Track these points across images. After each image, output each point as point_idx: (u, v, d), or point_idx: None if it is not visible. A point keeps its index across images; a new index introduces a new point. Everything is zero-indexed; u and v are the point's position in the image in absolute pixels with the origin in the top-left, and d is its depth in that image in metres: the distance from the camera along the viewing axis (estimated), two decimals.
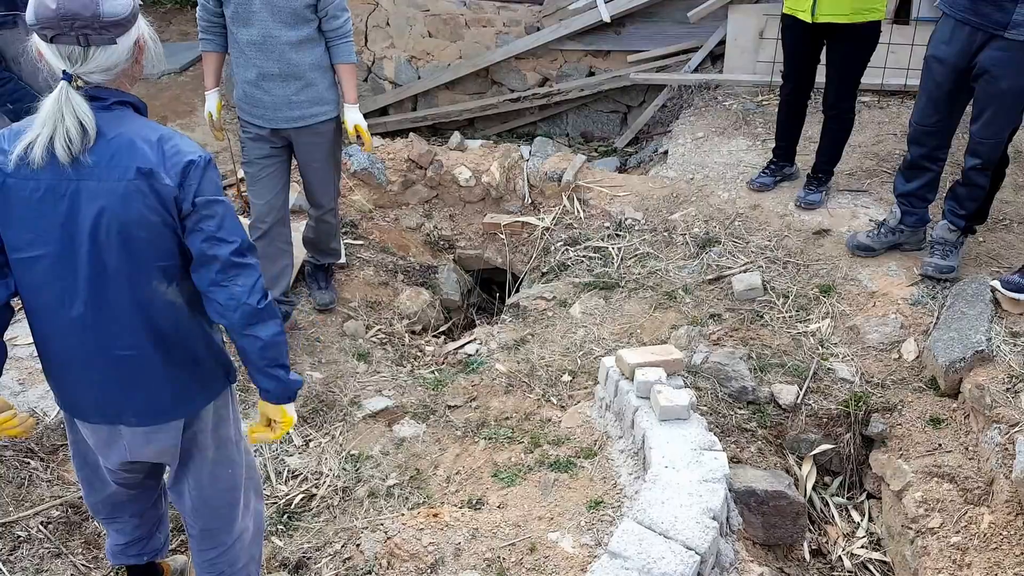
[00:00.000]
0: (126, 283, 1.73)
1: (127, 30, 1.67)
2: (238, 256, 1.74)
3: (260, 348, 1.80)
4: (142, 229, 1.69)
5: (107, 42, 1.64)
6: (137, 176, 1.66)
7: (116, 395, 1.86)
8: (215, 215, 1.73)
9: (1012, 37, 2.98)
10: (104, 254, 1.70)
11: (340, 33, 3.25)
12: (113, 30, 1.64)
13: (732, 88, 5.29)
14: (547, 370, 3.39)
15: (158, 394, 1.87)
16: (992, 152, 3.22)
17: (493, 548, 2.42)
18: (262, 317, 1.77)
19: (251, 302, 1.75)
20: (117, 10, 1.64)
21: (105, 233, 1.68)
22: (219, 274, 1.73)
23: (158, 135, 1.71)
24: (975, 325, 3.05)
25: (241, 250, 1.75)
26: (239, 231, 1.76)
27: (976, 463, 2.78)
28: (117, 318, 1.77)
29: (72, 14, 1.60)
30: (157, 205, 1.68)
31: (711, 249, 3.82)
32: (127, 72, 1.72)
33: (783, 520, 2.82)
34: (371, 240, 4.38)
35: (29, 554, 2.63)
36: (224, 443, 2.05)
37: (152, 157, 1.67)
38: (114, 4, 1.64)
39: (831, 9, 3.53)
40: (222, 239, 1.73)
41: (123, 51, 1.68)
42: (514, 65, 6.01)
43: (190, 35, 7.36)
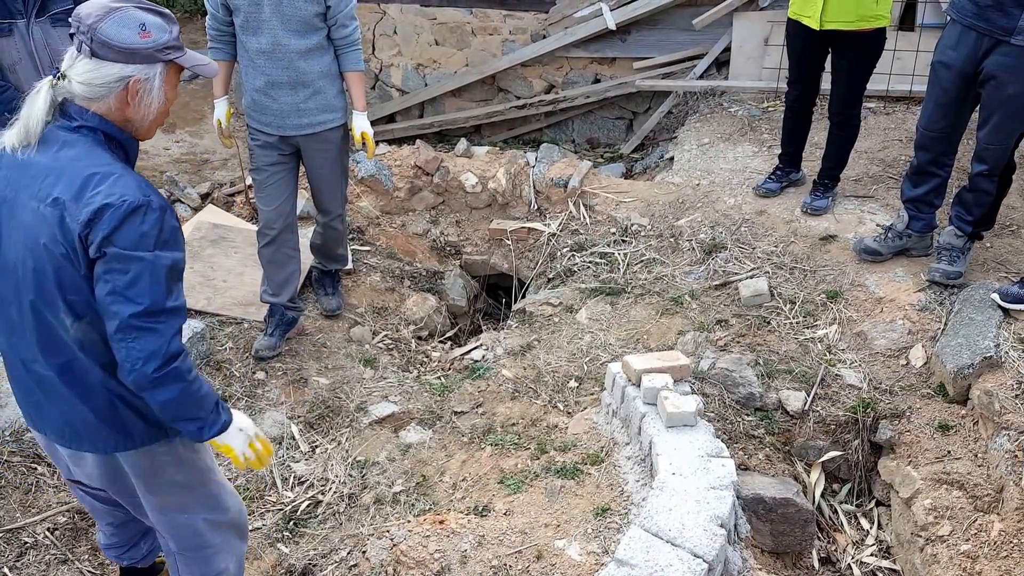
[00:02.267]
0: (35, 305, 1.70)
1: (120, 61, 1.66)
2: (141, 319, 1.62)
3: (157, 408, 1.73)
4: (49, 257, 1.65)
5: (89, 55, 1.65)
6: (52, 204, 1.62)
7: (38, 407, 1.85)
8: (127, 271, 1.61)
9: (1018, 43, 2.97)
10: (20, 270, 1.69)
11: (349, 41, 3.27)
12: (101, 49, 1.65)
13: (737, 94, 5.29)
14: (553, 376, 3.38)
15: (70, 421, 1.82)
16: (999, 158, 3.21)
17: (499, 555, 2.41)
18: (156, 384, 1.66)
19: (145, 370, 1.64)
20: (115, 35, 1.65)
21: (22, 250, 1.67)
22: (117, 332, 1.63)
23: (94, 171, 1.63)
24: (983, 331, 3.03)
25: (147, 312, 1.62)
26: (152, 293, 1.63)
27: (985, 470, 2.76)
28: (29, 335, 1.74)
29: (80, 16, 1.66)
30: (62, 239, 1.62)
31: (717, 255, 3.81)
32: (105, 100, 1.69)
33: (791, 527, 2.80)
34: (378, 246, 4.38)
35: (35, 560, 2.64)
36: (172, 491, 1.96)
37: (72, 190, 1.62)
38: (116, 29, 1.65)
39: (837, 16, 3.53)
40: (127, 298, 1.61)
41: (104, 76, 1.66)
42: (520, 72, 6.03)
43: (199, 43, 7.40)
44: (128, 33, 1.66)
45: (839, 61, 3.70)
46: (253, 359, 3.49)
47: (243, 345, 3.56)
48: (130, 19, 1.67)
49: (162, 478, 1.94)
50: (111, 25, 1.65)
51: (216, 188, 4.65)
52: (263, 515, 2.93)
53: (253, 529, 2.86)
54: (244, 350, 3.54)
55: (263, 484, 3.05)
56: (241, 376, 3.42)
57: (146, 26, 1.68)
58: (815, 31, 3.62)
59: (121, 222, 1.60)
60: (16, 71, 2.96)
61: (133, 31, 1.67)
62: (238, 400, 3.31)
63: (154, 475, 1.93)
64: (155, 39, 1.69)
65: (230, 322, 3.70)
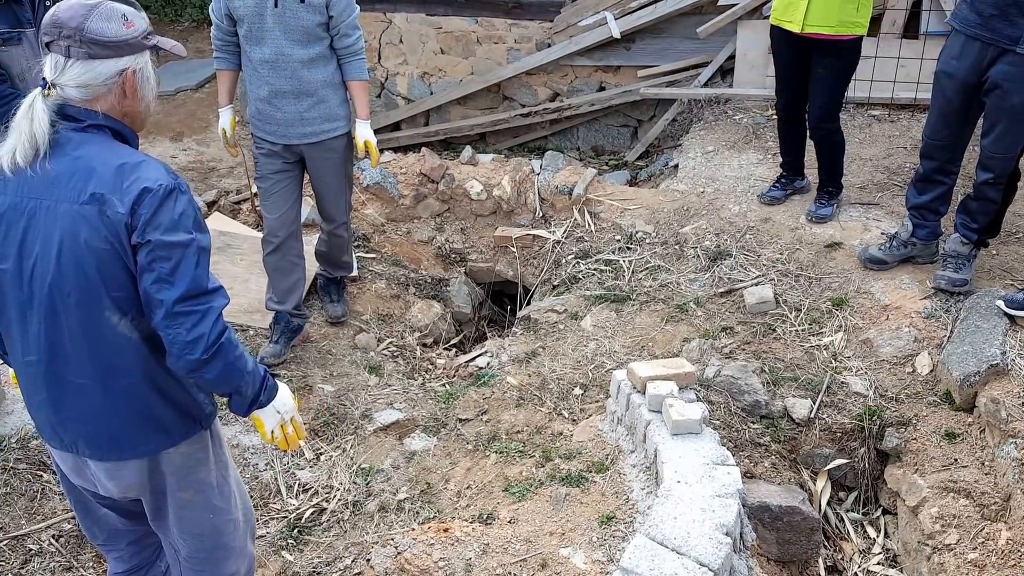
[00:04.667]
0: (76, 309, 1.67)
1: (113, 55, 1.66)
2: (187, 303, 1.62)
3: (206, 384, 1.75)
4: (92, 256, 1.63)
5: (83, 57, 1.64)
6: (90, 201, 1.62)
7: (69, 422, 1.80)
8: (170, 257, 1.62)
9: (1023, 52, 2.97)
10: (57, 276, 1.66)
11: (352, 51, 3.28)
12: (93, 48, 1.64)
13: (742, 102, 5.30)
14: (558, 383, 3.38)
15: (107, 428, 1.79)
16: (1004, 166, 3.21)
17: (504, 564, 2.41)
18: (205, 364, 1.67)
19: (194, 354, 1.65)
20: (104, 31, 1.64)
21: (57, 255, 1.64)
22: (165, 319, 1.63)
23: (122, 161, 1.65)
24: (989, 338, 3.02)
25: (190, 296, 1.63)
26: (194, 277, 1.64)
27: (992, 478, 2.74)
28: (68, 343, 1.71)
29: (60, 22, 1.63)
30: (107, 233, 1.62)
31: (722, 262, 3.81)
32: (106, 98, 1.69)
33: (797, 536, 2.79)
34: (383, 253, 4.40)
35: (40, 568, 2.64)
36: (201, 488, 1.95)
37: (108, 182, 1.62)
38: (103, 25, 1.64)
39: (819, 21, 3.55)
40: (172, 284, 1.61)
41: (100, 74, 1.66)
42: (525, 81, 6.05)
43: (206, 52, 7.45)
44: (115, 26, 1.66)
45: (817, 69, 3.71)
46: None
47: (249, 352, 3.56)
48: (112, 12, 1.66)
49: (199, 474, 1.94)
50: (97, 22, 1.64)
51: (222, 196, 4.67)
52: (268, 522, 2.93)
53: (258, 537, 2.86)
54: None
55: (268, 491, 3.05)
56: None
57: (127, 16, 1.69)
58: (797, 38, 3.64)
59: (160, 205, 1.62)
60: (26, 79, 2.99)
61: (119, 23, 1.67)
62: None
63: (189, 473, 1.93)
64: (138, 27, 1.70)
65: (236, 329, 3.71)
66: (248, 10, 3.12)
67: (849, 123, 4.79)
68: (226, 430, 3.20)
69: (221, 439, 2.02)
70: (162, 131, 6.02)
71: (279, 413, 1.90)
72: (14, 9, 2.90)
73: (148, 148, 5.72)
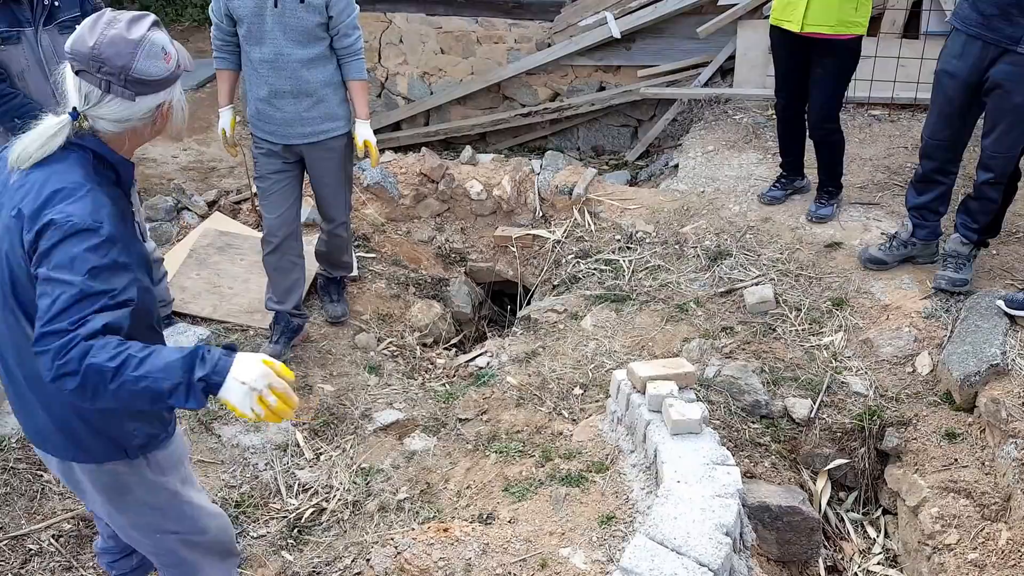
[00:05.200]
0: (6, 314, 1.70)
1: (154, 92, 1.64)
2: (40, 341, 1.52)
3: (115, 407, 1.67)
4: (9, 266, 1.65)
5: (127, 97, 1.61)
6: (16, 216, 1.61)
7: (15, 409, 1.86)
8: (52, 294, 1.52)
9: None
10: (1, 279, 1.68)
11: (352, 51, 3.28)
12: (137, 87, 1.61)
13: (742, 102, 5.30)
14: (558, 383, 3.38)
15: (36, 422, 1.82)
16: (1005, 166, 3.21)
17: (504, 564, 2.41)
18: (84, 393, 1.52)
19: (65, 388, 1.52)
20: (150, 70, 1.61)
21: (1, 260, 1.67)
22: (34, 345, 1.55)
23: (59, 188, 1.59)
24: (989, 338, 3.02)
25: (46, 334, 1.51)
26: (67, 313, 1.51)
27: (993, 478, 2.74)
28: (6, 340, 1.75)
29: (103, 58, 1.58)
30: (20, 251, 1.61)
31: (723, 262, 3.81)
32: (137, 130, 1.68)
33: (797, 536, 2.79)
34: (383, 253, 4.39)
35: (40, 567, 2.64)
36: (137, 510, 1.91)
37: (35, 203, 1.59)
38: (150, 64, 1.61)
39: (819, 20, 3.55)
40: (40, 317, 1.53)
41: (140, 110, 1.65)
42: (525, 80, 6.05)
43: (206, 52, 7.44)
44: (159, 64, 1.63)
45: (816, 70, 3.71)
46: None
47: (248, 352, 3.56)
48: (154, 48, 1.63)
49: (130, 497, 1.89)
50: (143, 63, 1.60)
51: (223, 196, 4.67)
52: (267, 522, 2.93)
53: (258, 536, 2.86)
54: None
55: (268, 491, 3.05)
56: None
57: (165, 49, 1.65)
58: (797, 37, 3.64)
59: (59, 241, 1.55)
60: (25, 78, 2.99)
61: (160, 59, 1.63)
62: None
63: (119, 493, 1.88)
64: (173, 57, 1.67)
65: (236, 329, 3.71)
66: (248, 10, 3.12)
67: (849, 123, 4.79)
68: (226, 430, 3.20)
69: (172, 465, 1.95)
70: None
71: (245, 384, 1.58)
72: (13, 9, 2.90)
73: (149, 148, 5.73)
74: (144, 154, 5.64)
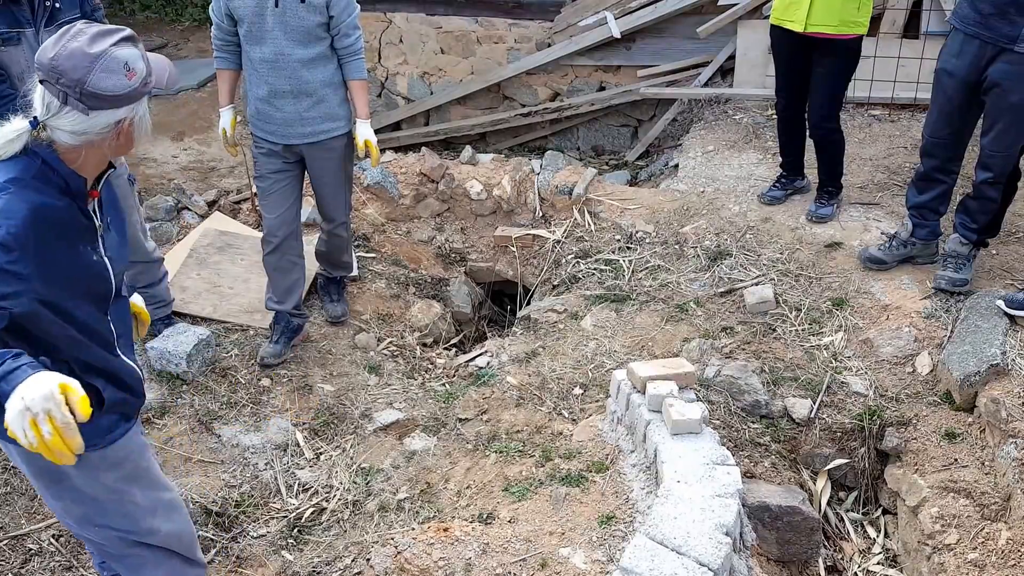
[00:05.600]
0: None
1: (112, 107, 1.63)
2: None
3: None
4: None
5: (81, 110, 1.61)
6: None
7: None
8: None
9: (1022, 51, 2.97)
10: None
11: (352, 51, 3.29)
12: (91, 101, 1.60)
13: (742, 102, 5.30)
14: (558, 383, 3.38)
15: None
16: (1004, 165, 3.21)
17: (504, 563, 2.41)
18: None
19: None
20: (105, 85, 1.60)
21: None
22: None
23: None
24: (989, 338, 3.02)
25: None
26: None
27: (993, 478, 2.74)
28: None
29: (61, 70, 1.59)
30: None
31: (723, 262, 3.81)
32: (95, 144, 1.67)
33: (797, 536, 2.79)
34: (383, 253, 4.40)
35: (40, 567, 2.64)
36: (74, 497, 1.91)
37: None
38: (105, 79, 1.60)
39: (821, 20, 3.55)
40: None
41: (97, 124, 1.63)
42: (525, 80, 6.05)
43: (207, 52, 7.46)
44: (116, 79, 1.61)
45: (817, 69, 3.72)
46: (258, 366, 3.50)
47: (249, 352, 3.57)
48: (114, 64, 1.61)
49: (67, 483, 1.88)
50: (99, 76, 1.59)
51: (223, 195, 4.67)
52: (267, 522, 2.93)
53: (258, 536, 2.86)
54: (250, 357, 3.55)
55: (268, 491, 3.06)
56: (246, 383, 3.43)
57: (128, 64, 1.63)
58: (798, 37, 3.64)
59: None
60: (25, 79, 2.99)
61: (120, 75, 1.62)
62: (243, 407, 3.32)
63: (54, 480, 1.87)
64: (139, 74, 1.65)
65: (236, 329, 3.71)
66: (248, 10, 3.13)
67: (849, 123, 4.79)
68: (226, 430, 3.21)
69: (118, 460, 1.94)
70: (163, 131, 6.02)
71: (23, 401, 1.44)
72: (12, 10, 2.90)
73: (150, 148, 5.73)
74: (144, 154, 5.64)
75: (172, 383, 3.32)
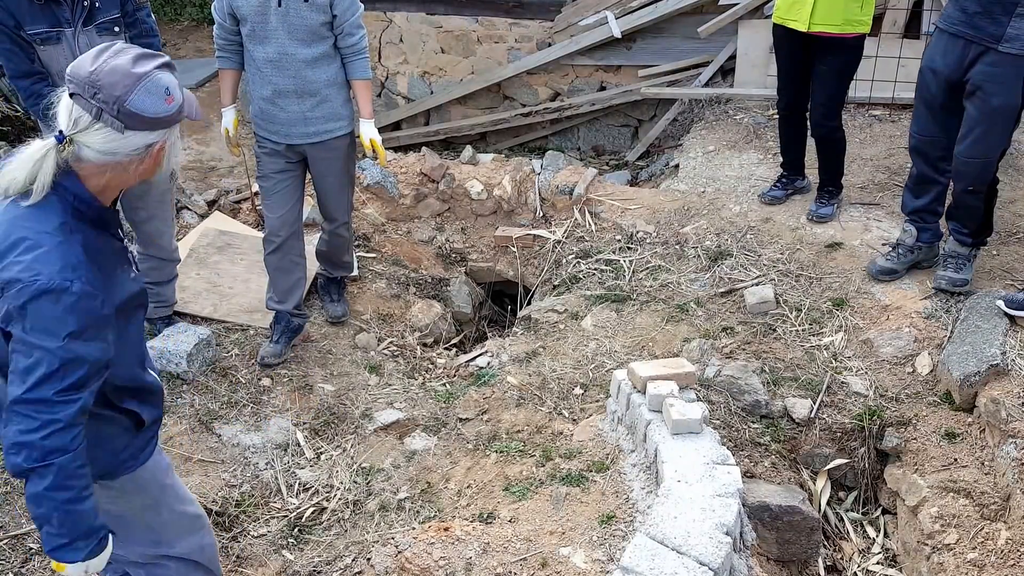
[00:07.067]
0: None
1: (147, 130, 1.59)
2: (22, 405, 1.53)
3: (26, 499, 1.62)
4: None
5: (117, 128, 1.56)
6: None
7: None
8: (30, 355, 1.52)
9: (1005, 50, 2.98)
10: None
11: (356, 50, 3.28)
12: (129, 120, 1.56)
13: (743, 102, 5.30)
14: (559, 383, 3.38)
15: None
16: (981, 172, 3.19)
17: (504, 563, 2.41)
18: (26, 474, 1.57)
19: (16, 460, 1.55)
20: (144, 108, 1.57)
21: None
22: (4, 413, 1.57)
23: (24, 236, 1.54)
24: (989, 339, 3.02)
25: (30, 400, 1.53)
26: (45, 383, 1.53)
27: (992, 478, 2.75)
28: None
29: (100, 85, 1.55)
30: None
31: (723, 262, 3.81)
32: (122, 165, 1.61)
33: (797, 535, 2.79)
34: (383, 253, 4.40)
35: (41, 567, 2.64)
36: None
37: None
38: (145, 101, 1.57)
39: (825, 19, 3.56)
40: (21, 380, 1.53)
41: (129, 145, 1.59)
42: (525, 80, 6.05)
43: (206, 51, 7.45)
44: (156, 102, 1.58)
45: (820, 67, 3.72)
46: (259, 366, 3.50)
47: (249, 352, 3.57)
48: (156, 87, 1.58)
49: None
50: (140, 97, 1.56)
51: (223, 195, 4.67)
52: (268, 521, 2.93)
53: (259, 536, 2.86)
54: (250, 357, 3.55)
55: (268, 490, 3.06)
56: (247, 383, 3.43)
57: (169, 90, 1.61)
58: (801, 36, 3.65)
59: (27, 302, 1.51)
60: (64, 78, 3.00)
61: (160, 99, 1.59)
62: (244, 407, 3.32)
63: None
64: (177, 101, 1.62)
65: (236, 329, 3.71)
66: (251, 9, 3.12)
67: (850, 123, 4.79)
68: (226, 429, 3.21)
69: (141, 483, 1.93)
70: None
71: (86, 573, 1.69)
72: (53, 10, 2.90)
73: None
74: None
75: (172, 383, 3.32)
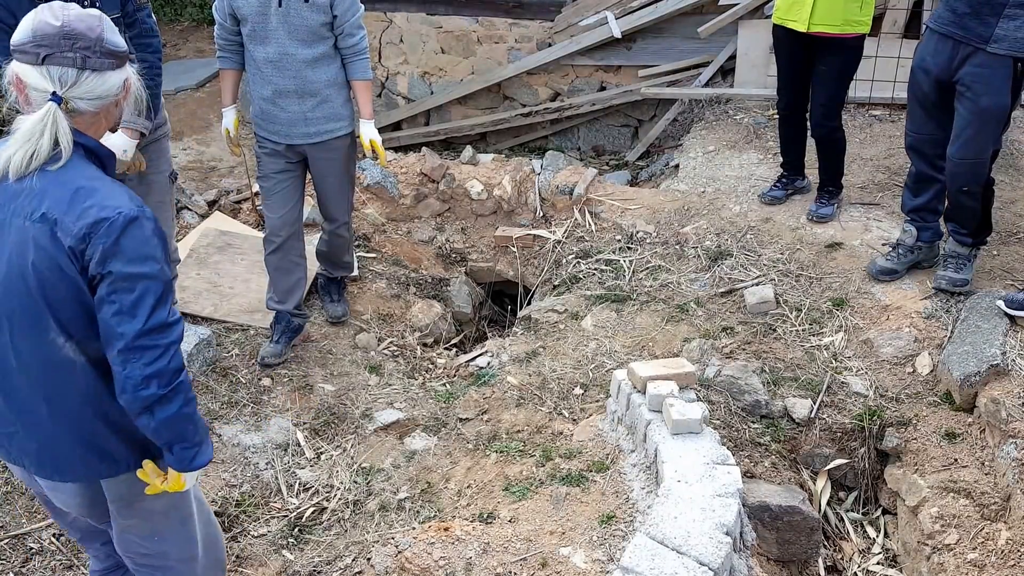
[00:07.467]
0: (20, 327, 1.63)
1: (121, 65, 1.70)
2: (144, 337, 1.57)
3: (153, 429, 1.65)
4: (37, 276, 1.59)
5: (102, 68, 1.64)
6: (41, 220, 1.57)
7: (15, 437, 1.76)
8: (133, 289, 1.56)
9: (993, 51, 2.98)
10: (11, 290, 1.62)
11: (356, 50, 3.28)
12: (109, 59, 1.66)
13: (743, 102, 5.30)
14: (559, 383, 3.39)
15: (50, 450, 1.74)
16: (974, 173, 3.18)
17: (504, 563, 2.41)
18: (161, 401, 1.61)
19: (149, 390, 1.59)
20: (116, 40, 1.68)
21: (13, 270, 1.61)
22: (122, 353, 1.57)
23: (81, 185, 1.59)
24: (989, 339, 3.02)
25: (151, 330, 1.57)
26: (155, 309, 1.58)
27: (992, 478, 2.75)
28: (13, 360, 1.67)
29: (76, 33, 1.61)
30: (56, 255, 1.57)
31: (723, 262, 3.81)
32: (108, 110, 1.70)
33: (797, 536, 2.79)
34: (383, 253, 4.40)
35: (41, 566, 2.64)
36: (148, 516, 1.89)
37: (62, 204, 1.57)
38: (113, 35, 1.68)
39: (825, 19, 3.57)
40: (134, 316, 1.56)
41: (113, 85, 1.68)
42: (526, 80, 6.05)
43: (206, 52, 7.45)
44: (117, 36, 1.70)
45: (820, 67, 3.73)
46: (259, 366, 3.50)
47: (249, 352, 3.57)
48: (112, 24, 1.70)
49: (140, 504, 1.86)
50: (110, 33, 1.67)
51: (223, 195, 4.67)
52: (268, 521, 2.93)
53: (259, 536, 2.86)
54: (250, 357, 3.55)
55: (268, 490, 3.06)
56: (247, 383, 3.43)
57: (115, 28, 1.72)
58: (801, 36, 3.65)
59: (119, 236, 1.56)
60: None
61: (116, 32, 1.70)
62: (244, 407, 3.33)
63: (130, 502, 1.86)
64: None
65: (236, 329, 3.71)
66: (252, 10, 3.13)
67: (850, 123, 4.79)
68: (227, 429, 3.21)
69: None
70: None
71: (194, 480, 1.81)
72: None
73: None
74: None
75: None
